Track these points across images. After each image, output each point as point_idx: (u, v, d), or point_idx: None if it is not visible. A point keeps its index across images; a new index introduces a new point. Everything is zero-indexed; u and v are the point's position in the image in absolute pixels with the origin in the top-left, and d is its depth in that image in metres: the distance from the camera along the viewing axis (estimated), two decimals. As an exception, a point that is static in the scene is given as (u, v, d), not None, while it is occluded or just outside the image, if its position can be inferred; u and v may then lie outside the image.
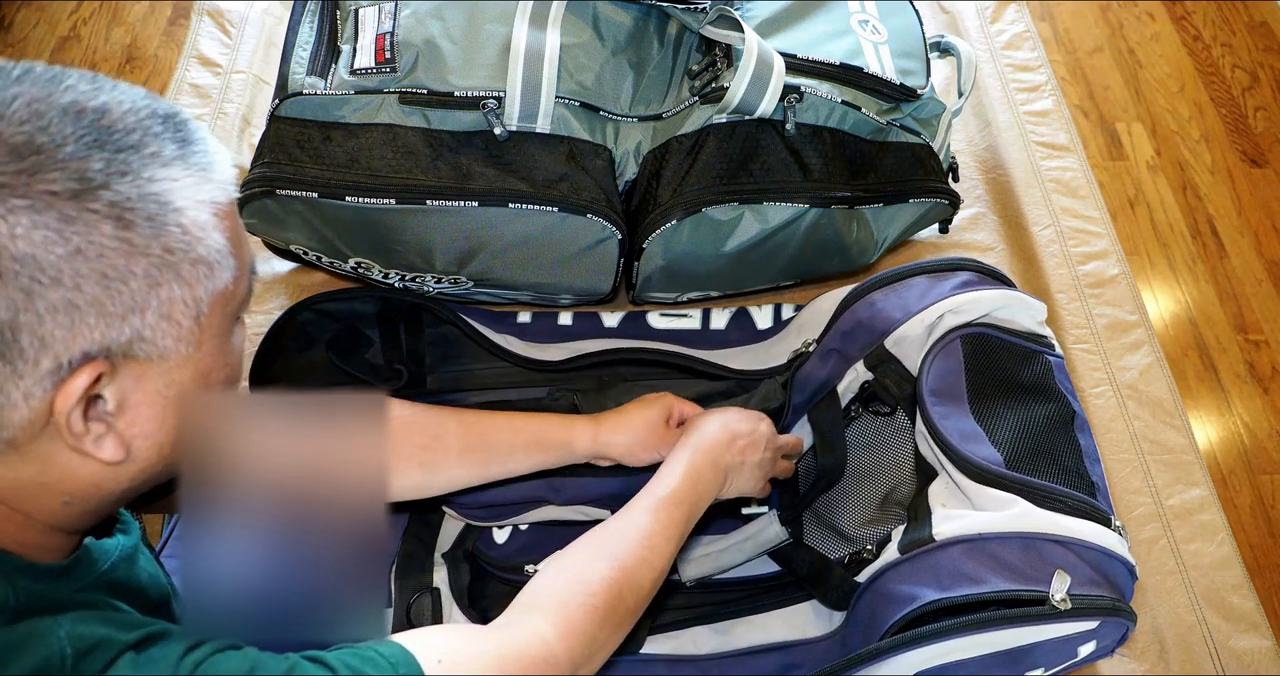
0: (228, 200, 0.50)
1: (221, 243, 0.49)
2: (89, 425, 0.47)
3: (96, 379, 0.46)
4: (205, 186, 0.48)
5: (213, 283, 0.48)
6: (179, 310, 0.47)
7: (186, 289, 0.47)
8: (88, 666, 0.46)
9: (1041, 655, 0.73)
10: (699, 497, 0.77)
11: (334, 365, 0.98)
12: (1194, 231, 1.28)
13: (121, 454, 0.49)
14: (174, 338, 0.48)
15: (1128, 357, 1.12)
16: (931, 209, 1.05)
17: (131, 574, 0.58)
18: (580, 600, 0.65)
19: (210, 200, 0.48)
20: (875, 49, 0.99)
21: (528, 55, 0.87)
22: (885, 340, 0.88)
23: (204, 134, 0.50)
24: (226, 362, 0.52)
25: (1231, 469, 1.08)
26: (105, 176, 0.44)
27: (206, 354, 0.50)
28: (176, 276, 0.47)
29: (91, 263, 0.44)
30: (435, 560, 0.90)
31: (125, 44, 1.41)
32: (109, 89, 0.47)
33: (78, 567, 0.53)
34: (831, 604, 0.87)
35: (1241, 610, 0.95)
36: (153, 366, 0.48)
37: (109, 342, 0.45)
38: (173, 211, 0.46)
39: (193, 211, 0.47)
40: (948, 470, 0.80)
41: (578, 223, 0.91)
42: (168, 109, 0.48)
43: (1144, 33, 1.50)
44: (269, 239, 1.02)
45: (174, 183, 0.46)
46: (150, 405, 0.49)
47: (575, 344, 1.02)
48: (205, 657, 0.49)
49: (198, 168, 0.48)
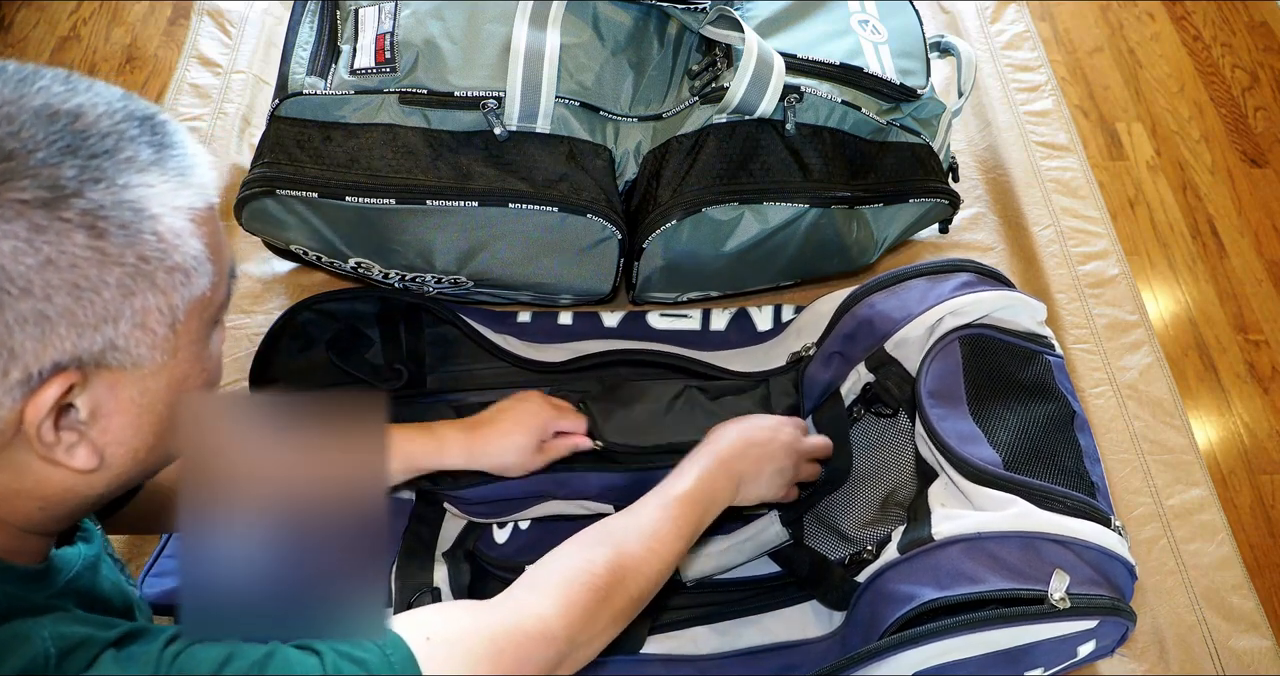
0: (206, 205, 0.48)
1: (199, 249, 0.47)
2: (60, 435, 0.46)
3: (68, 389, 0.45)
4: (183, 192, 0.47)
5: (189, 290, 0.47)
6: (154, 319, 0.46)
7: (162, 297, 0.46)
8: (71, 665, 0.46)
9: (1041, 654, 0.73)
10: (711, 502, 0.77)
11: (334, 365, 0.98)
12: (1194, 231, 1.28)
13: (94, 462, 0.48)
14: (149, 346, 0.47)
15: (1128, 357, 1.12)
16: (931, 209, 1.05)
17: (95, 582, 0.57)
18: (584, 579, 0.64)
19: (188, 206, 0.47)
20: (875, 49, 0.99)
21: (528, 55, 0.88)
22: (886, 343, 0.88)
23: (183, 136, 0.49)
24: (204, 368, 0.51)
25: (1231, 469, 1.08)
26: (78, 183, 0.43)
27: (183, 361, 0.49)
28: (151, 285, 0.45)
29: (63, 273, 0.42)
30: (436, 559, 0.90)
31: (125, 44, 1.41)
32: (83, 90, 0.45)
33: (51, 573, 0.53)
34: (831, 604, 0.87)
35: (1241, 610, 0.95)
36: (127, 375, 0.47)
37: (80, 353, 0.44)
38: (148, 219, 0.45)
39: (169, 218, 0.46)
40: (947, 471, 0.80)
41: (578, 223, 0.91)
42: (145, 110, 0.47)
43: (1144, 33, 1.50)
44: (269, 239, 1.02)
45: (149, 189, 0.45)
46: (124, 413, 0.48)
47: (575, 344, 1.02)
48: (184, 648, 0.49)
49: (175, 172, 0.47)
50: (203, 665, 0.49)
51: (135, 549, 0.95)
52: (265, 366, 0.98)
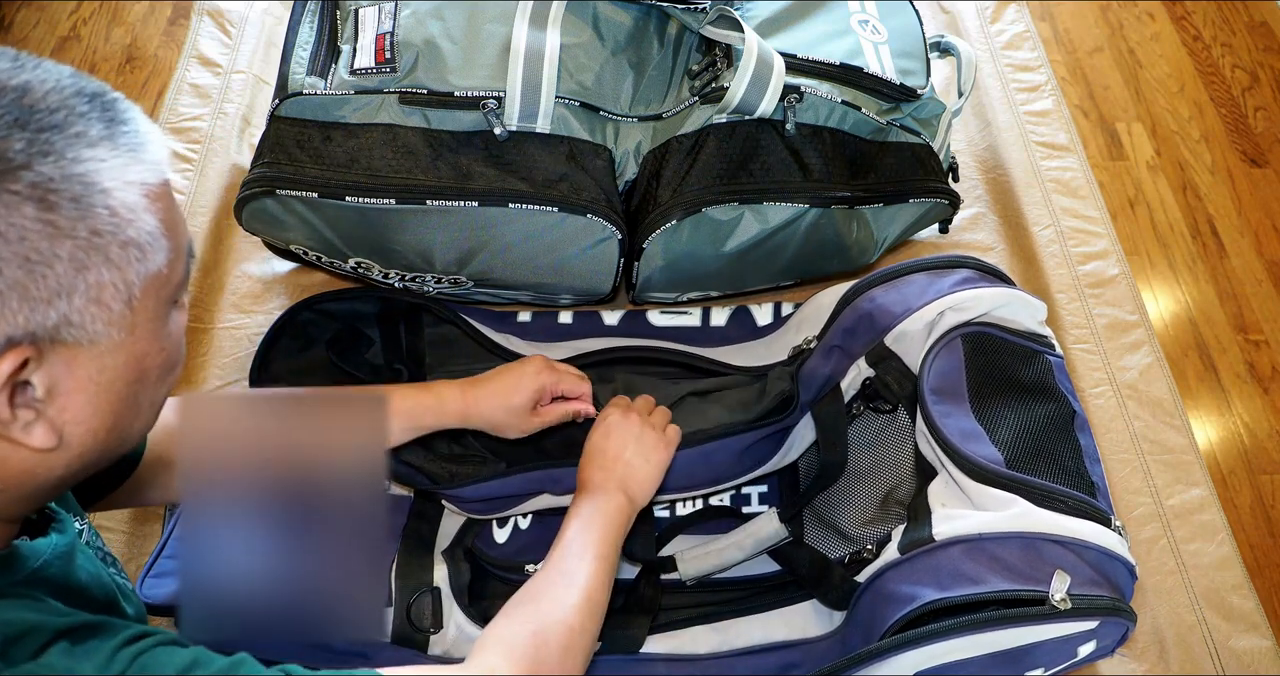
0: (159, 181, 0.48)
1: (153, 224, 0.47)
2: (16, 412, 0.46)
3: (22, 364, 0.44)
4: (135, 167, 0.47)
5: (144, 266, 0.47)
6: (109, 294, 0.46)
7: (116, 272, 0.46)
8: (17, 653, 0.45)
9: (1041, 655, 0.73)
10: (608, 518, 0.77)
11: (334, 365, 0.98)
12: (1194, 231, 1.28)
13: (53, 440, 0.48)
14: (105, 322, 0.47)
15: (1128, 357, 1.12)
16: (931, 209, 1.05)
17: (68, 572, 0.56)
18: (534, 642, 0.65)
19: (140, 181, 0.47)
20: (875, 49, 0.99)
21: (528, 55, 0.88)
22: (885, 337, 0.88)
23: (135, 113, 0.49)
24: (163, 347, 0.51)
25: (1231, 469, 1.08)
26: (27, 157, 0.43)
27: (141, 338, 0.49)
28: (105, 260, 0.45)
29: (13, 246, 0.42)
30: (435, 558, 0.90)
31: (125, 44, 1.41)
32: (31, 67, 0.45)
33: (16, 560, 0.52)
34: (831, 603, 0.87)
35: (1241, 610, 0.95)
36: (83, 351, 0.47)
37: (34, 328, 0.44)
38: (99, 193, 0.45)
39: (121, 192, 0.46)
40: (948, 469, 0.80)
41: (578, 223, 0.91)
42: (96, 88, 0.47)
43: (1144, 33, 1.50)
44: (269, 239, 1.02)
45: (101, 163, 0.45)
46: (82, 391, 0.48)
47: (576, 343, 1.02)
48: (146, 649, 0.49)
49: (126, 148, 0.47)
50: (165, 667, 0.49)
51: (135, 549, 0.95)
52: (265, 366, 0.98)
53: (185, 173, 1.21)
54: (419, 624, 0.85)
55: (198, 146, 1.24)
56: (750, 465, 0.92)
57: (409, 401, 0.83)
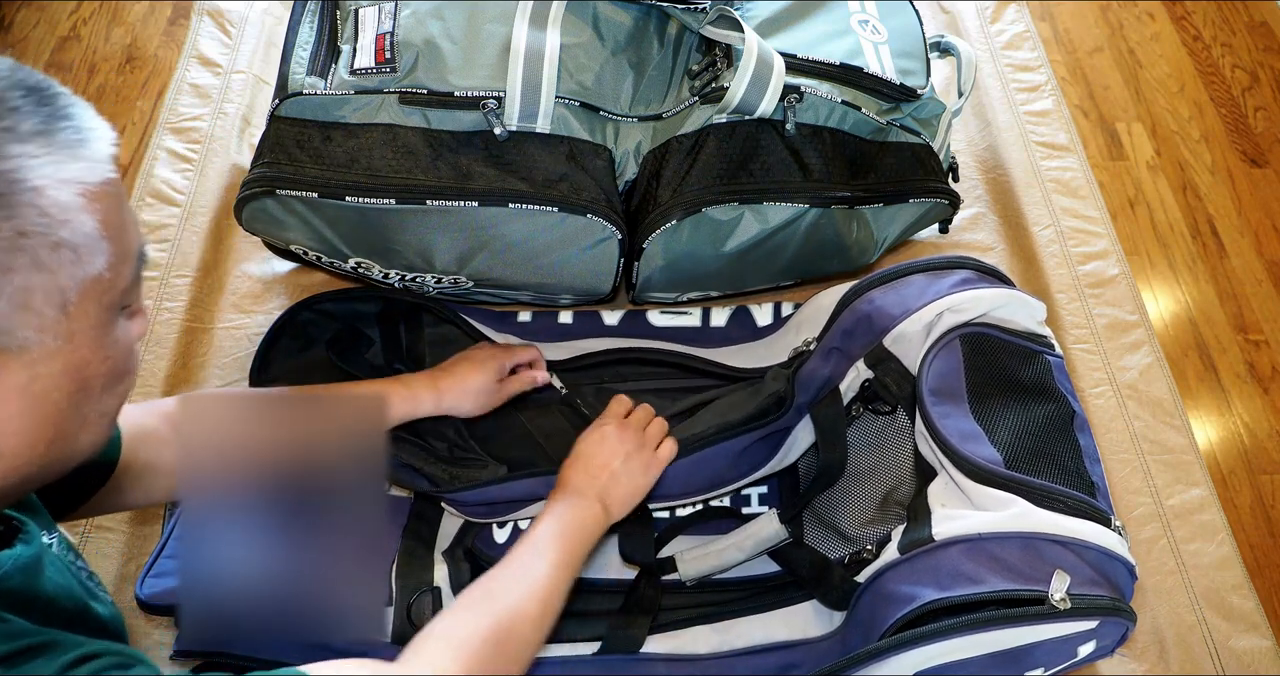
0: (100, 180, 0.45)
1: (91, 226, 0.44)
2: None
3: None
4: (71, 165, 0.44)
5: (80, 269, 0.44)
6: (38, 299, 0.43)
7: (46, 275, 0.43)
8: None
9: (1041, 655, 0.73)
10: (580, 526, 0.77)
11: (334, 365, 0.98)
12: (1194, 231, 1.28)
13: None
14: (35, 328, 0.44)
15: (1128, 357, 1.12)
16: (931, 209, 1.05)
17: (32, 584, 0.54)
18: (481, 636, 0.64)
19: (76, 179, 0.44)
20: (875, 49, 0.99)
21: (528, 55, 0.88)
22: (884, 338, 0.88)
23: (79, 109, 0.46)
24: (107, 356, 0.48)
25: (1231, 469, 1.08)
26: None
27: (80, 346, 0.46)
28: (33, 262, 0.43)
29: None
30: (436, 558, 0.90)
31: (125, 44, 1.41)
32: None
33: None
34: (831, 604, 0.87)
35: (1241, 610, 0.95)
36: (13, 358, 0.44)
37: None
38: (28, 191, 0.42)
39: (54, 191, 0.43)
40: (947, 470, 0.80)
41: (578, 223, 0.91)
42: (37, 81, 0.45)
43: (1144, 33, 1.50)
44: (269, 239, 1.02)
45: (31, 160, 0.42)
46: (15, 400, 0.45)
47: (576, 343, 1.02)
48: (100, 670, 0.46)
49: (63, 145, 0.44)
50: None
51: (135, 549, 0.95)
52: (265, 366, 0.98)
53: (185, 173, 1.22)
54: (419, 623, 0.85)
55: (198, 146, 1.24)
56: (748, 468, 0.92)
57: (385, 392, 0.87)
